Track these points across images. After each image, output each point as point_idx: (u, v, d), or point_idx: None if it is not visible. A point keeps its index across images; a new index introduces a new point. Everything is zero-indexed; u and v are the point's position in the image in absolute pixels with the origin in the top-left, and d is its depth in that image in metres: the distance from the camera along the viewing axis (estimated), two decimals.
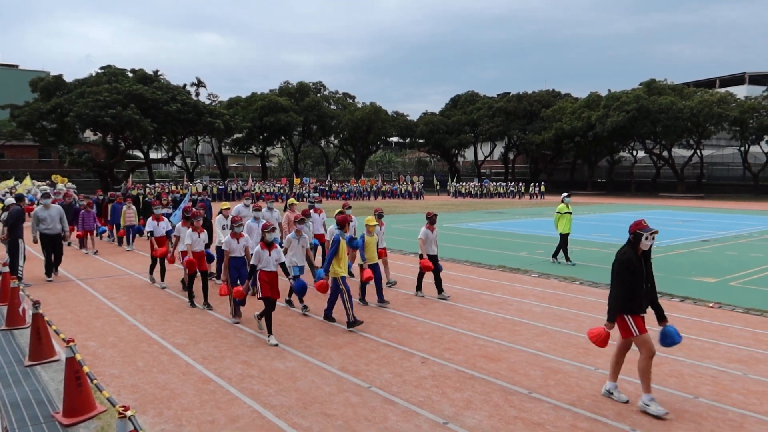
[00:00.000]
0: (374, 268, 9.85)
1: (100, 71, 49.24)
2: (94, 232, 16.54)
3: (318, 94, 67.29)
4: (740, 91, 57.94)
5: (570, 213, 14.39)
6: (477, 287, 10.93)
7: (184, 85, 55.07)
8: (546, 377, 6.61)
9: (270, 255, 8.09)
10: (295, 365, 7.00)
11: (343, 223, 9.10)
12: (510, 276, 12.78)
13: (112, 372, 6.71)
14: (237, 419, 5.47)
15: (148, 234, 11.74)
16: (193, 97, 54.39)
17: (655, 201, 46.66)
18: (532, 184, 55.48)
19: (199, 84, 58.66)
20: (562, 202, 14.53)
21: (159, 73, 52.26)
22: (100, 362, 7.03)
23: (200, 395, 6.04)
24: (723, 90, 55.75)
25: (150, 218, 12.01)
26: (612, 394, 6.00)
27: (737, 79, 68.49)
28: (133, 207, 17.42)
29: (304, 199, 44.06)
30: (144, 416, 5.49)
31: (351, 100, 71.84)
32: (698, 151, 55.87)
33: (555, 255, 14.31)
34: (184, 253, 10.09)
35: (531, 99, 65.34)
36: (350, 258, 10.71)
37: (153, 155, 61.57)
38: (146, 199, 20.03)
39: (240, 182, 52.22)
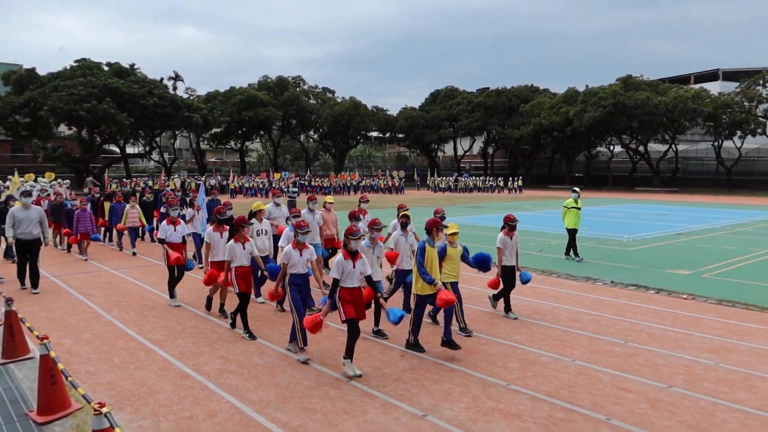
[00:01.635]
0: (455, 287, 7.94)
1: (74, 64, 48.24)
2: (90, 235, 14.61)
3: (297, 89, 66.80)
4: (714, 87, 58.87)
5: (578, 208, 14.06)
6: None
7: (161, 79, 54.34)
8: (524, 369, 6.69)
9: (354, 267, 6.55)
10: (274, 360, 6.98)
11: (431, 227, 7.45)
12: None
13: (88, 369, 6.63)
14: (215, 414, 5.45)
15: (159, 241, 9.85)
16: (171, 91, 53.62)
17: (631, 195, 47.36)
18: (510, 178, 55.86)
19: (177, 78, 57.86)
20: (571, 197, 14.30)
21: (135, 67, 51.44)
22: (75, 359, 6.93)
23: (178, 391, 5.99)
24: (697, 86, 56.53)
25: (164, 222, 9.96)
26: None
27: (711, 76, 69.57)
28: (138, 207, 15.69)
29: (284, 194, 43.74)
30: (121, 413, 5.43)
31: (330, 95, 71.47)
32: (673, 146, 56.75)
33: (567, 252, 14.18)
34: (214, 265, 8.69)
35: (510, 94, 65.65)
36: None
37: (130, 150, 60.60)
38: (144, 198, 17.71)
39: (219, 177, 51.71)
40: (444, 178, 59.64)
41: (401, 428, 5.18)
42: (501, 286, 9.09)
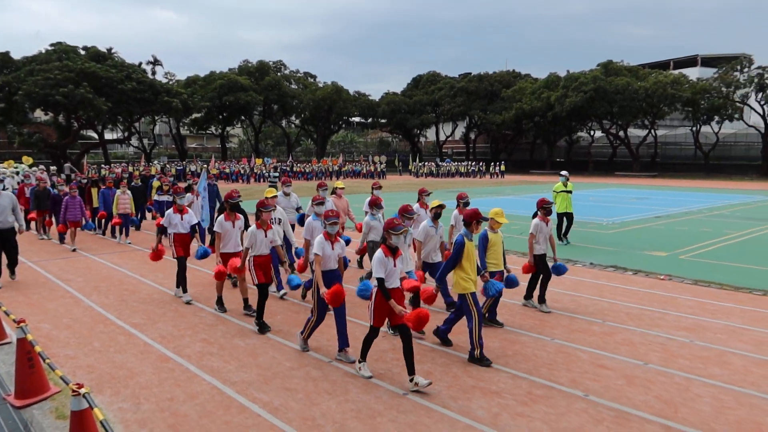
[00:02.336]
0: (501, 277, 7.56)
1: (50, 48, 47.18)
2: (81, 224, 14.07)
3: (278, 73, 66.13)
4: (693, 73, 59.55)
5: (568, 192, 14.00)
6: None
7: (140, 64, 53.39)
8: (504, 348, 6.77)
9: (395, 266, 5.83)
10: (256, 342, 6.98)
11: (472, 219, 6.57)
12: None
13: (67, 353, 6.57)
14: (196, 396, 5.44)
15: (160, 230, 9.28)
16: (150, 75, 52.78)
17: (611, 179, 47.83)
18: (492, 163, 56.05)
19: (156, 62, 56.98)
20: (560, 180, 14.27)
21: (113, 51, 50.49)
22: (54, 344, 6.86)
23: (159, 373, 5.97)
24: (676, 72, 57.22)
25: (170, 210, 9.20)
26: None
27: (690, 61, 70.34)
28: (129, 192, 14.97)
29: (265, 180, 43.44)
30: (101, 395, 5.40)
31: (312, 80, 70.92)
32: (652, 131, 57.34)
33: (564, 236, 14.23)
34: (224, 257, 8.02)
35: (492, 79, 65.70)
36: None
37: (108, 135, 59.49)
38: (133, 183, 16.95)
39: (200, 162, 51.19)
40: (426, 163, 59.66)
41: (382, 406, 5.22)
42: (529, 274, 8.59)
